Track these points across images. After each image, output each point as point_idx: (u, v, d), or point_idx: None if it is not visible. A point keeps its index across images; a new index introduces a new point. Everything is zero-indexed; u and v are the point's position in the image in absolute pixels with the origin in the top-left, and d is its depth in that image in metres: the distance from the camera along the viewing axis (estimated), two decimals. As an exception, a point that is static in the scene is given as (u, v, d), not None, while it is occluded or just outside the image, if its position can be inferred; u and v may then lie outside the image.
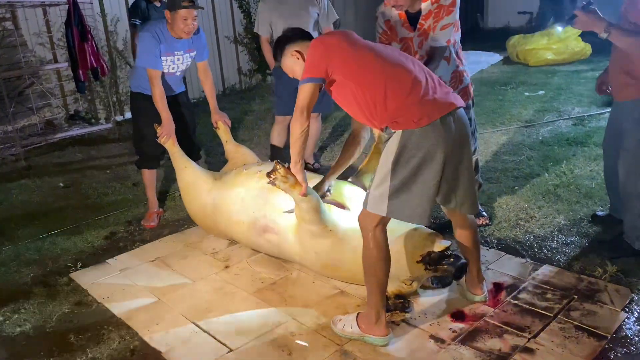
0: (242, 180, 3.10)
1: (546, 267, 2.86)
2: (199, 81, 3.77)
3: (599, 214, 3.34)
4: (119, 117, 7.00)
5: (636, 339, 2.27)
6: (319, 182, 2.83)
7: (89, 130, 6.36)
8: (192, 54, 3.57)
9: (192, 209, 3.41)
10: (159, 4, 4.98)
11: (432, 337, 2.36)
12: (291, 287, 2.85)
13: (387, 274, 2.26)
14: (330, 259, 2.65)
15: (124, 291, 2.92)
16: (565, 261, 2.93)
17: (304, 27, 3.99)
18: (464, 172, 2.29)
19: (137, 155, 3.86)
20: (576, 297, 2.58)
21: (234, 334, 2.47)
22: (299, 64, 2.39)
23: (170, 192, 4.34)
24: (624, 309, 2.46)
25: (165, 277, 3.05)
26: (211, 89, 3.72)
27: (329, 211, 2.67)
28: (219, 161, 4.61)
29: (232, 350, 2.36)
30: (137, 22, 4.91)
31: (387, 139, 2.20)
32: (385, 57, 2.24)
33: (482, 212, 3.40)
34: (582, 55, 8.49)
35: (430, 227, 2.60)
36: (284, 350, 2.33)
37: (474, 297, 2.58)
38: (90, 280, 3.06)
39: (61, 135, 6.11)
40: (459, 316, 2.49)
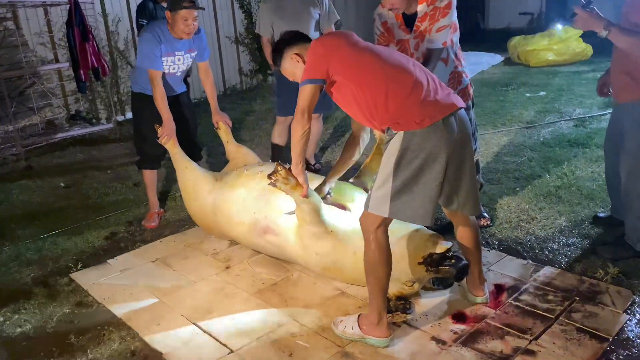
0: (243, 181, 3.10)
1: (547, 269, 2.86)
2: (200, 81, 3.77)
3: (600, 215, 3.33)
4: (120, 117, 7.01)
5: (638, 341, 2.26)
6: (320, 184, 2.83)
7: (89, 130, 6.37)
8: (193, 54, 3.57)
9: (193, 210, 3.41)
10: (165, 4, 4.97)
11: (433, 338, 2.35)
12: (292, 288, 2.85)
13: (388, 275, 2.25)
14: (331, 260, 2.65)
15: (124, 292, 2.92)
16: (566, 263, 2.92)
17: (305, 28, 4.06)
18: (466, 173, 2.28)
19: (138, 155, 3.86)
20: (578, 298, 2.57)
21: (234, 334, 2.47)
22: (299, 66, 2.37)
23: (171, 193, 4.34)
24: (625, 311, 2.46)
25: (166, 278, 3.05)
26: (212, 90, 3.72)
27: (330, 212, 2.67)
28: (220, 161, 4.61)
29: (232, 351, 2.35)
30: (144, 23, 4.90)
31: (389, 140, 2.20)
32: (385, 58, 2.23)
33: (483, 213, 3.40)
34: (583, 56, 8.49)
35: (431, 228, 2.60)
36: (285, 351, 2.33)
37: (475, 298, 2.58)
38: (90, 280, 3.06)
39: (62, 135, 6.12)
40: (460, 318, 2.48)
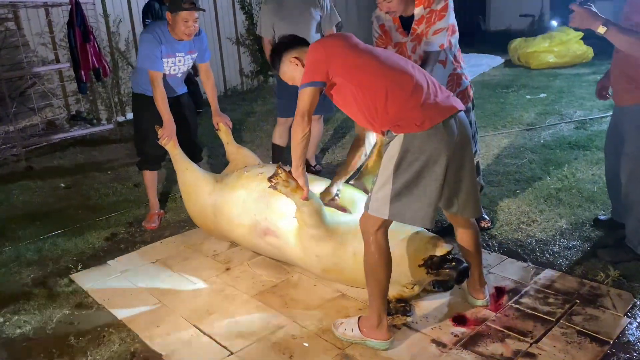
0: (244, 182, 3.09)
1: (548, 271, 2.85)
2: (201, 82, 3.77)
3: (601, 218, 3.33)
4: (121, 118, 7.00)
5: (639, 344, 2.26)
6: (327, 186, 2.82)
7: (90, 130, 6.36)
8: (194, 56, 3.57)
9: (193, 211, 3.40)
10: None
11: (433, 341, 2.35)
12: (292, 290, 2.84)
13: (388, 277, 2.25)
14: (331, 263, 2.64)
15: (124, 293, 2.91)
16: (567, 265, 2.92)
17: (306, 30, 4.06)
18: (466, 175, 2.28)
19: (138, 156, 3.86)
20: (578, 301, 2.57)
21: (234, 336, 2.47)
22: (299, 70, 2.36)
23: (171, 194, 4.33)
24: (626, 314, 2.45)
25: (166, 279, 3.04)
26: (213, 91, 3.71)
27: (331, 215, 2.67)
28: (221, 162, 4.61)
29: (232, 353, 2.35)
30: (149, 23, 4.90)
31: (388, 142, 2.20)
32: (385, 60, 2.23)
33: (484, 215, 3.39)
34: (584, 58, 8.47)
35: (431, 230, 2.60)
36: (285, 353, 2.33)
37: (475, 301, 2.57)
38: (90, 281, 3.05)
39: (62, 135, 6.11)
40: (460, 320, 2.48)
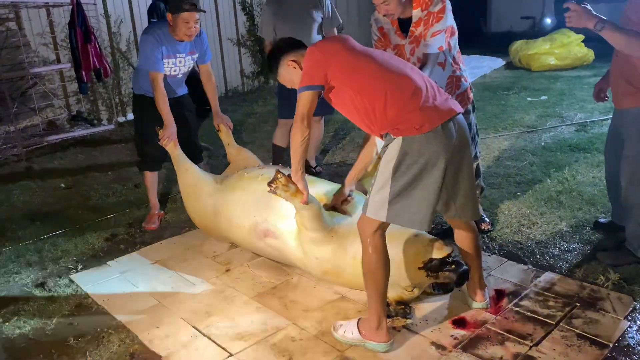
0: (244, 184, 3.09)
1: (548, 274, 2.85)
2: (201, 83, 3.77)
3: (601, 220, 3.32)
4: (121, 119, 7.00)
5: (639, 347, 2.26)
6: (340, 187, 2.80)
7: (91, 131, 6.36)
8: (194, 57, 3.57)
9: (193, 212, 3.41)
10: None
11: (433, 343, 2.35)
12: (292, 291, 2.84)
13: (386, 279, 2.25)
14: (331, 265, 2.64)
15: (124, 294, 2.91)
16: (567, 268, 2.91)
17: (307, 31, 4.06)
18: (464, 178, 2.28)
19: (138, 157, 3.86)
20: (578, 304, 2.57)
21: (234, 338, 2.47)
22: (297, 73, 2.35)
23: (171, 195, 4.33)
24: (626, 317, 2.45)
25: (165, 280, 3.04)
26: (213, 92, 3.72)
27: (330, 217, 2.66)
28: (221, 164, 4.60)
29: (232, 354, 2.35)
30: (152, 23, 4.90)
31: (386, 145, 2.19)
32: (383, 63, 2.22)
33: (484, 217, 3.40)
34: (585, 60, 8.47)
35: (431, 233, 2.59)
36: (284, 355, 2.32)
37: (475, 303, 2.57)
38: (90, 282, 3.05)
39: (63, 136, 6.12)
40: (460, 323, 2.47)
